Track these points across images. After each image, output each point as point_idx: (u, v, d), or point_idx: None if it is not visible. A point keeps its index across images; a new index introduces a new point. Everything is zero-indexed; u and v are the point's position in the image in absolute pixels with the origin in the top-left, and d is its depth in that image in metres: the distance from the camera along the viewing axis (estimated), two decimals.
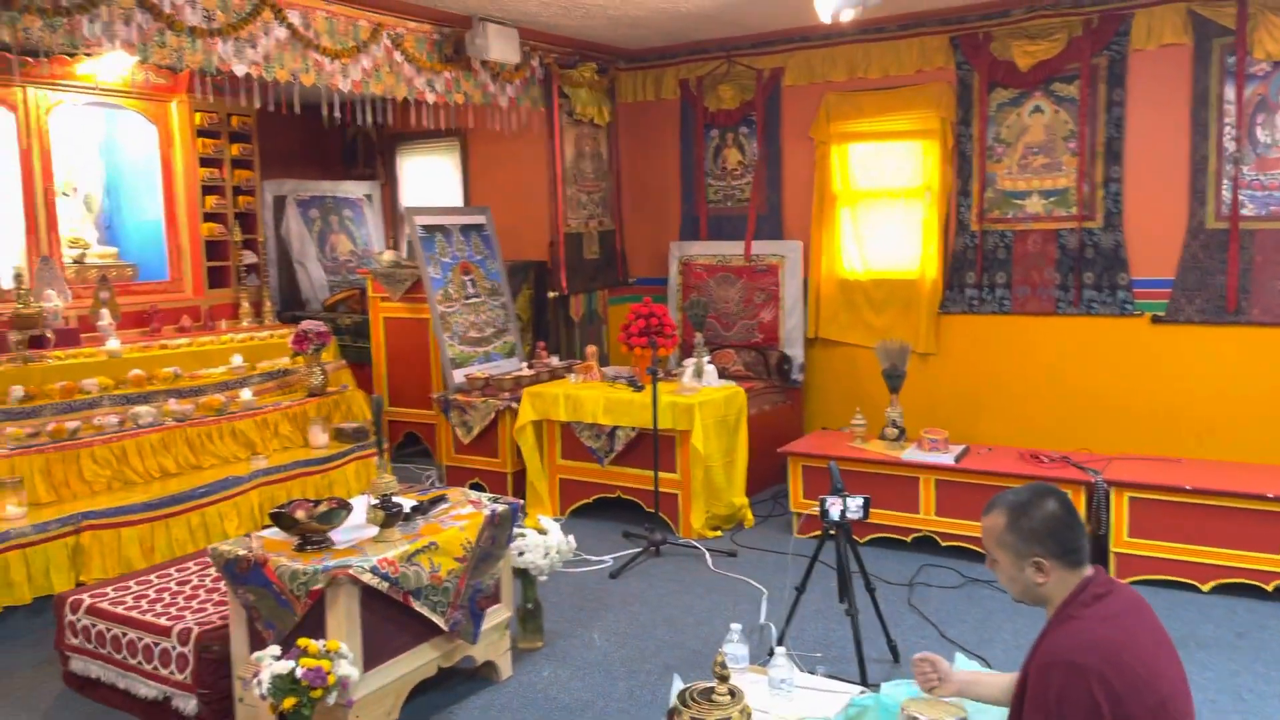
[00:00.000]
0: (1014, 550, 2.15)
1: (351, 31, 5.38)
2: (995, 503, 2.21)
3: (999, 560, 2.19)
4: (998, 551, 2.19)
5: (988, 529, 2.20)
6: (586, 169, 7.23)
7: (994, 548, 2.20)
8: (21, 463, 4.58)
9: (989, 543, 2.21)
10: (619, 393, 5.63)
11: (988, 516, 2.21)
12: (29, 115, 5.82)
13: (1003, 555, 2.18)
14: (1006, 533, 2.15)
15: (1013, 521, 2.14)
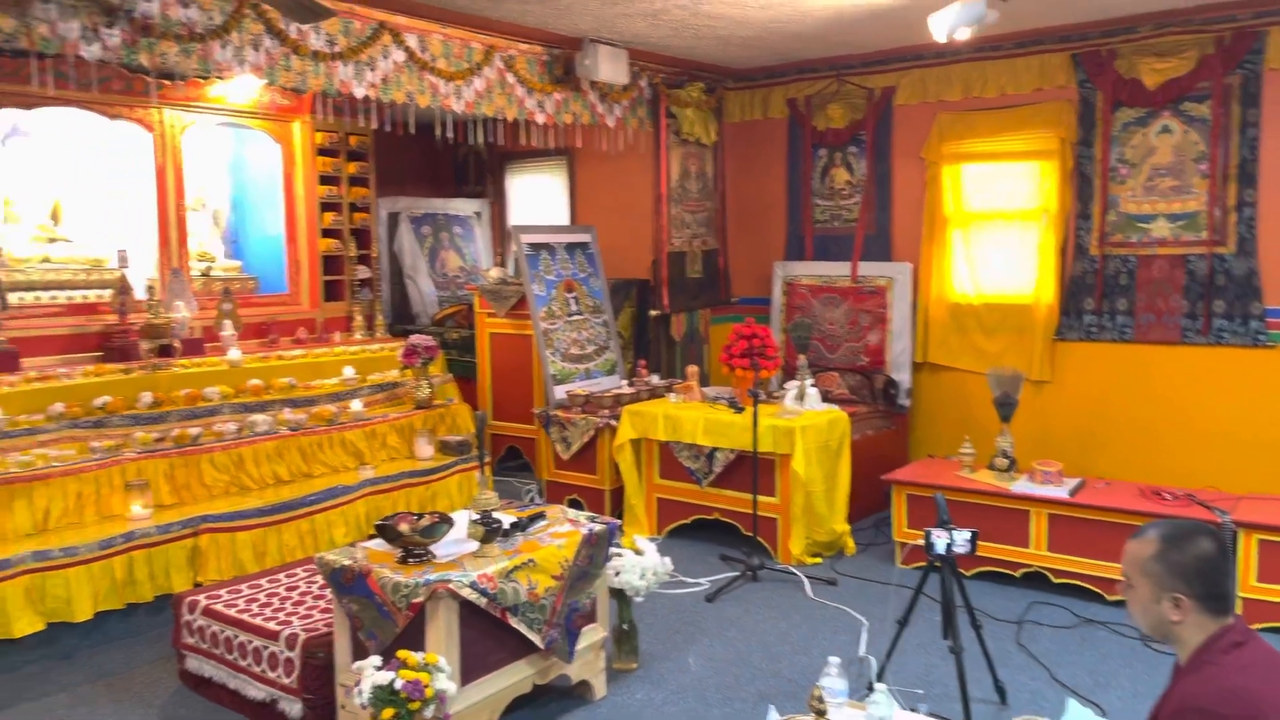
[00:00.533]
0: (1156, 581, 2.04)
1: (466, 54, 5.51)
2: (1148, 529, 2.11)
3: (1136, 588, 2.09)
4: (1138, 578, 2.08)
5: (1133, 552, 2.10)
6: (691, 188, 7.24)
7: (1135, 573, 2.09)
8: (148, 466, 4.80)
9: (1131, 567, 2.10)
10: (719, 414, 5.59)
11: (1137, 540, 2.11)
12: (164, 135, 6.13)
13: (1142, 584, 2.07)
14: (1153, 561, 2.05)
15: (1163, 552, 2.04)
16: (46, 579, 4.13)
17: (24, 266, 5.84)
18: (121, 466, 4.69)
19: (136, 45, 4.11)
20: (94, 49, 3.98)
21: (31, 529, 4.36)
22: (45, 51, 3.86)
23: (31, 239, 6.02)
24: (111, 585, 4.33)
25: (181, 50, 4.25)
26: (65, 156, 6.23)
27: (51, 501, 4.45)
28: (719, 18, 5.35)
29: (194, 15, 4.27)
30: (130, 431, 4.99)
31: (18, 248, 5.90)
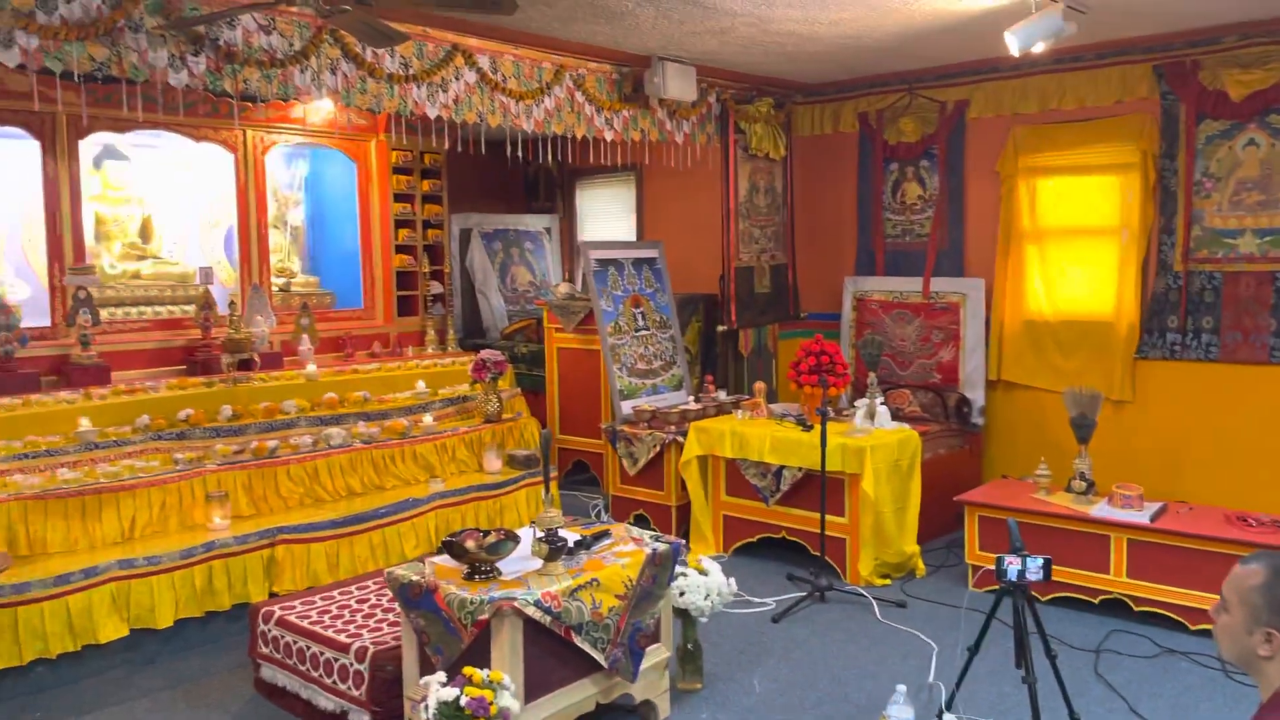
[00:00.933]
0: (1253, 612, 1.97)
1: (536, 74, 5.59)
2: (1260, 557, 2.04)
3: (1231, 613, 2.01)
4: (1236, 605, 2.00)
5: (1238, 577, 2.03)
6: (760, 203, 7.21)
7: (1234, 598, 2.01)
8: (228, 478, 4.94)
9: (1230, 590, 2.03)
10: (787, 431, 5.55)
11: (1245, 566, 2.03)
12: (247, 155, 6.33)
13: (1239, 611, 2.00)
14: (1257, 591, 1.97)
15: (1269, 584, 1.96)
16: (131, 586, 4.28)
17: (115, 283, 6.08)
18: (203, 478, 4.84)
19: (221, 72, 4.25)
20: (181, 76, 4.13)
21: (118, 537, 4.53)
22: (134, 79, 4.01)
23: (122, 256, 6.26)
24: (192, 593, 4.46)
25: (263, 76, 4.39)
26: (154, 176, 6.48)
27: (137, 511, 4.61)
28: (788, 34, 5.34)
29: (275, 42, 4.41)
30: (211, 444, 5.15)
31: (111, 264, 6.14)
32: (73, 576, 4.10)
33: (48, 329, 5.53)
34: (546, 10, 4.69)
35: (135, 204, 6.38)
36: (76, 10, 3.81)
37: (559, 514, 3.42)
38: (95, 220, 6.20)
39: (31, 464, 4.57)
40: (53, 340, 5.47)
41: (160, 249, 6.46)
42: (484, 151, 6.20)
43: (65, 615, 4.07)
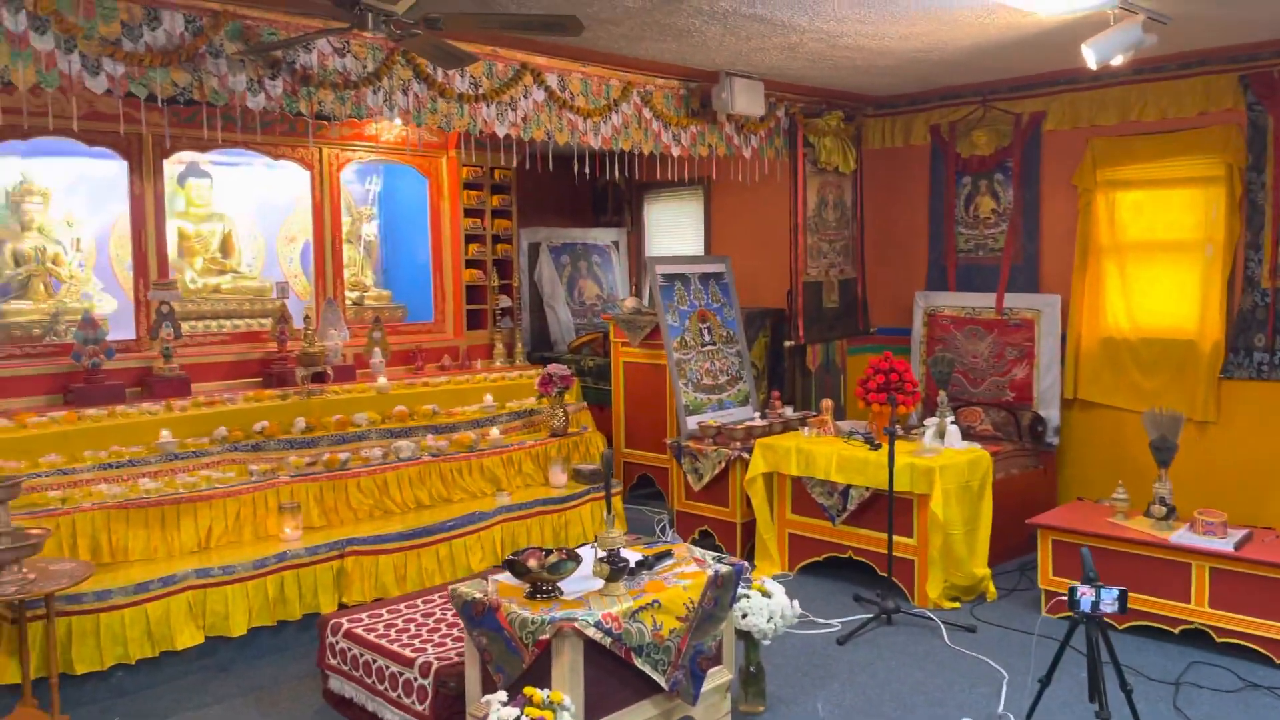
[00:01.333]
0: None
1: (604, 91, 5.62)
2: None
3: None
4: None
5: None
6: (829, 217, 7.14)
7: None
8: (300, 489, 5.05)
9: None
10: (854, 450, 5.47)
11: None
12: (322, 173, 6.50)
13: None
14: None
15: None
16: (207, 595, 4.40)
17: (196, 297, 6.28)
18: (276, 489, 4.96)
19: (296, 94, 4.37)
20: (259, 99, 4.25)
21: (195, 546, 4.66)
22: (215, 102, 4.14)
23: (204, 270, 6.46)
24: (264, 603, 4.57)
25: (337, 97, 4.50)
26: (235, 193, 6.68)
27: (214, 521, 4.74)
28: (857, 49, 5.28)
29: (349, 64, 4.51)
30: (285, 455, 5.27)
31: (193, 279, 6.35)
32: (151, 585, 4.23)
33: (133, 342, 5.73)
34: (613, 29, 4.71)
35: (217, 220, 6.59)
36: (161, 37, 3.95)
37: (620, 534, 3.42)
38: (179, 236, 6.41)
39: (115, 474, 4.74)
40: (137, 353, 5.67)
41: (240, 264, 6.65)
42: (552, 168, 6.26)
43: (145, 622, 4.20)
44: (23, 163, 5.78)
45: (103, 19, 3.79)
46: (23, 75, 3.61)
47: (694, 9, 4.31)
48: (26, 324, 5.57)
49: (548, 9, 4.24)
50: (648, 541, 4.16)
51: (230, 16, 4.13)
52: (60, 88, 3.74)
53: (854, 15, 4.51)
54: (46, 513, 4.30)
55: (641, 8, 4.29)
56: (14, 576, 3.53)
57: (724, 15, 4.45)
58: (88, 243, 6.12)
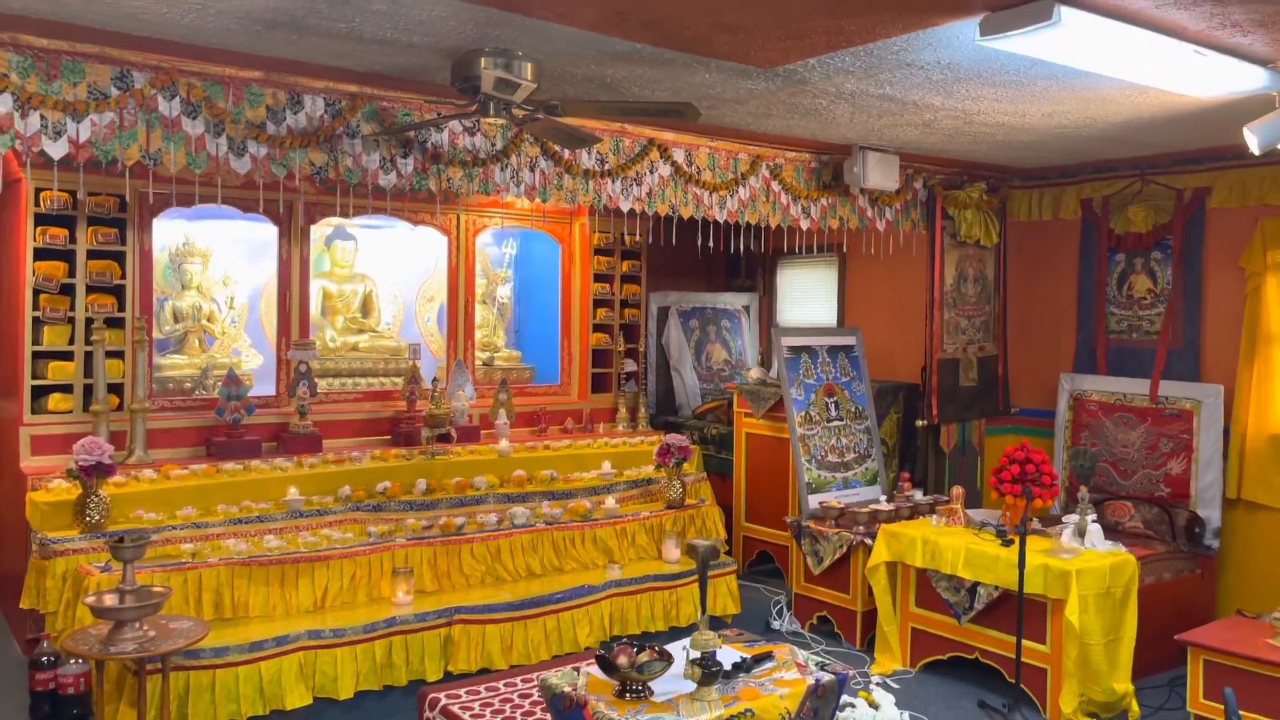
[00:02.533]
0: None
1: (732, 165, 5.58)
2: None
3: None
4: None
5: None
6: (968, 291, 6.85)
7: None
8: (414, 553, 5.13)
9: None
10: (983, 544, 5.15)
11: None
12: (459, 238, 6.69)
13: None
14: None
15: None
16: (318, 656, 4.49)
17: (334, 355, 6.54)
18: (391, 552, 5.04)
19: (426, 172, 4.50)
20: (390, 177, 4.41)
21: (311, 606, 4.78)
22: (349, 180, 4.31)
23: (344, 329, 6.74)
24: (372, 667, 4.63)
25: (465, 174, 4.61)
26: (377, 255, 6.96)
27: (330, 581, 4.86)
28: (997, 125, 5.06)
29: (478, 143, 4.63)
30: (404, 517, 5.38)
31: (332, 337, 6.62)
32: (266, 644, 4.35)
33: (272, 398, 6.00)
34: (739, 108, 4.67)
35: (359, 280, 6.87)
36: (302, 120, 4.15)
37: (714, 636, 3.29)
38: (323, 295, 6.72)
39: (244, 529, 4.93)
40: (276, 409, 5.92)
41: (378, 323, 6.91)
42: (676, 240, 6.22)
43: (258, 680, 4.32)
44: (187, 225, 6.18)
45: (249, 104, 4.02)
46: (173, 158, 3.85)
47: (820, 90, 4.22)
48: (179, 378, 5.92)
49: (672, 93, 4.24)
50: (749, 639, 4.00)
51: (367, 99, 4.30)
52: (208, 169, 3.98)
53: (989, 95, 4.32)
54: (177, 566, 4.50)
55: (766, 89, 4.23)
56: (135, 634, 3.69)
57: (852, 95, 4.34)
58: (241, 301, 6.49)
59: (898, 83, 4.05)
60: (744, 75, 3.94)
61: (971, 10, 3.04)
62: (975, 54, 3.58)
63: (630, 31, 3.26)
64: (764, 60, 3.64)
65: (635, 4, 3.00)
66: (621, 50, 3.54)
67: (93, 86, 3.68)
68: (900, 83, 4.05)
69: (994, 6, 2.99)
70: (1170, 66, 3.51)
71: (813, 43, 3.40)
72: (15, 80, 3.52)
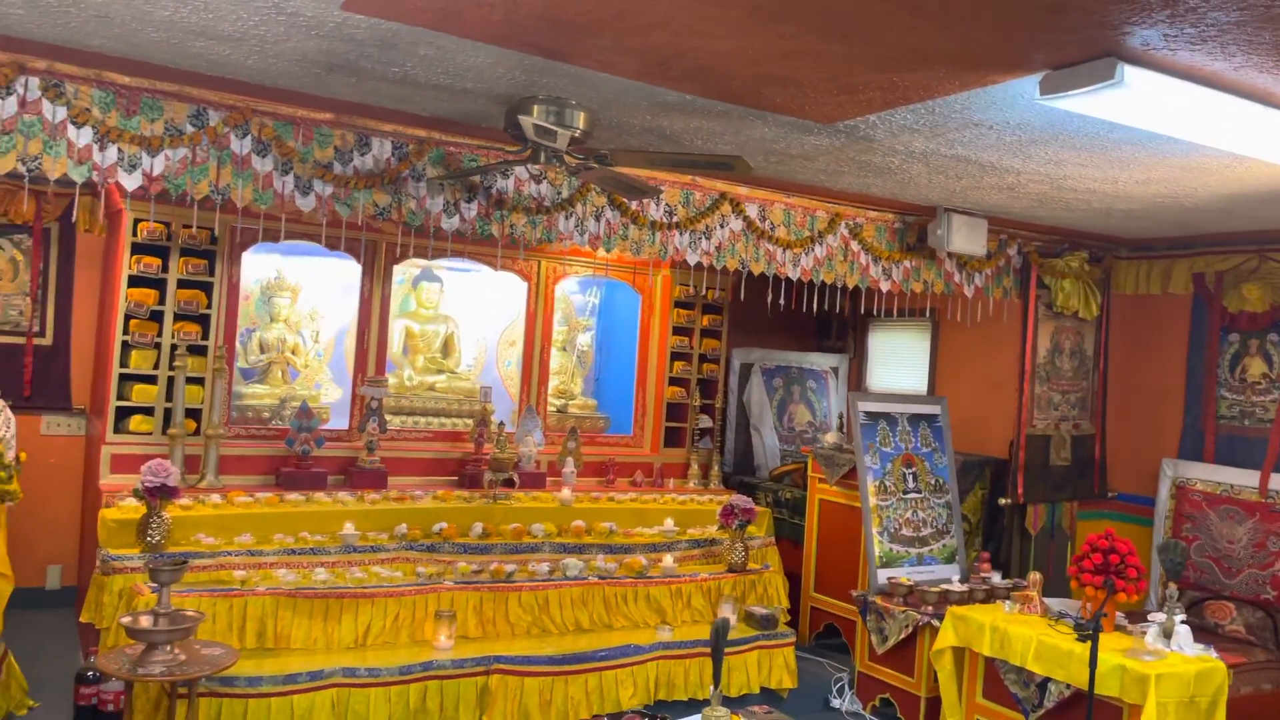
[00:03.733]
0: None
1: (809, 222, 5.45)
2: None
3: None
4: None
5: None
6: (1064, 365, 6.48)
7: None
8: (460, 597, 5.09)
9: None
10: (1057, 637, 4.78)
11: None
12: (538, 284, 6.73)
13: None
14: None
15: None
16: (351, 694, 4.47)
17: (410, 393, 6.62)
18: (437, 594, 5.01)
19: (490, 217, 4.53)
20: (453, 221, 4.45)
21: (352, 643, 4.78)
22: (410, 224, 4.37)
23: (423, 369, 6.83)
24: (405, 710, 4.58)
25: (529, 221, 4.63)
26: (461, 298, 7.05)
27: (373, 619, 4.85)
28: (1088, 191, 4.79)
29: (543, 190, 4.64)
30: (456, 560, 5.35)
31: (410, 375, 6.72)
32: (300, 677, 4.35)
33: (345, 432, 6.10)
34: (809, 164, 4.56)
35: (441, 321, 6.97)
36: (369, 162, 4.24)
37: (726, 713, 3.11)
38: (405, 334, 6.83)
39: (296, 559, 4.99)
40: (346, 443, 6.02)
41: (458, 364, 6.98)
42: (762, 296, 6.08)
43: (289, 713, 4.32)
44: (281, 260, 6.40)
45: (319, 144, 4.13)
46: (241, 193, 3.97)
47: (888, 148, 4.08)
48: (259, 406, 6.09)
49: (734, 146, 4.17)
50: None
51: (435, 144, 4.37)
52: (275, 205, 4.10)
53: (1073, 159, 4.08)
54: (224, 592, 4.58)
55: (832, 146, 4.11)
56: (165, 656, 3.74)
57: (924, 155, 4.17)
58: (327, 336, 6.65)
59: (969, 143, 3.87)
60: (804, 130, 3.83)
61: (1030, 68, 2.87)
62: (1045, 115, 3.38)
63: (675, 81, 3.21)
64: (821, 115, 3.53)
65: (675, 54, 2.94)
66: (673, 101, 3.49)
67: (169, 123, 3.84)
68: (971, 143, 3.87)
69: (1055, 65, 2.81)
70: (1262, 134, 3.23)
71: (868, 98, 3.27)
72: (97, 114, 3.70)
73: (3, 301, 6.10)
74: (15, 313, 6.13)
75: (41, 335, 6.21)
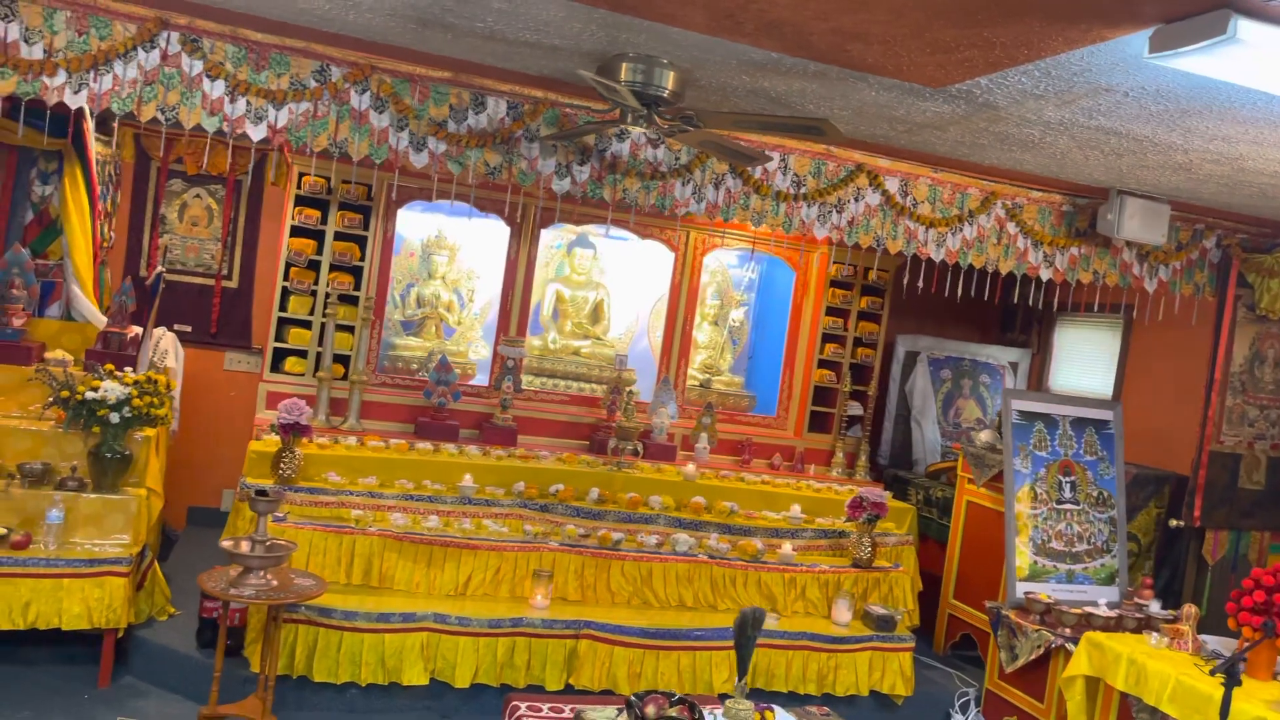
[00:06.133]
0: None
1: (957, 200, 5.03)
2: None
3: None
4: None
5: None
6: (1264, 376, 5.69)
7: None
8: (563, 559, 5.12)
9: None
10: (1201, 679, 4.22)
11: None
12: (685, 255, 6.63)
13: None
14: None
15: None
16: (441, 640, 4.61)
17: (553, 356, 6.71)
18: (540, 553, 5.08)
19: (602, 181, 4.48)
20: (564, 183, 4.44)
21: (453, 590, 4.92)
22: (522, 183, 4.39)
23: (571, 334, 6.90)
24: (492, 662, 4.68)
25: (643, 186, 4.54)
26: (614, 265, 7.05)
27: (475, 571, 4.97)
28: (1271, 174, 4.11)
29: (660, 155, 4.54)
30: (566, 522, 5.39)
31: (554, 339, 6.81)
32: (392, 617, 4.54)
33: (486, 389, 6.28)
34: (939, 134, 4.19)
35: (593, 288, 7.01)
36: (483, 121, 4.29)
37: (750, 708, 2.94)
38: (556, 298, 6.93)
39: (413, 505, 5.18)
40: (486, 400, 6.19)
41: (606, 331, 7.00)
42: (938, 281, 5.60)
43: (381, 650, 4.52)
44: (444, 220, 6.64)
45: (434, 102, 4.21)
46: (357, 148, 4.13)
47: (1019, 118, 3.66)
48: (409, 358, 6.37)
49: (846, 110, 3.88)
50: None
51: (549, 104, 4.36)
52: (388, 160, 4.22)
53: (1240, 135, 3.50)
54: (338, 528, 4.83)
55: (953, 113, 3.74)
56: (258, 581, 3.98)
57: (1062, 126, 3.72)
58: (483, 297, 6.84)
59: (1107, 112, 3.40)
60: (916, 95, 3.50)
61: (1140, 22, 2.46)
62: (1183, 81, 2.91)
63: (752, 37, 3.01)
64: (924, 78, 3.21)
65: (739, 5, 2.75)
66: (760, 60, 3.29)
67: (295, 78, 4.04)
68: (1110, 112, 3.40)
69: (1167, 18, 2.40)
70: None
71: (967, 57, 2.94)
72: (229, 69, 3.95)
73: (198, 246, 6.70)
74: (208, 256, 6.72)
75: (229, 279, 6.77)
